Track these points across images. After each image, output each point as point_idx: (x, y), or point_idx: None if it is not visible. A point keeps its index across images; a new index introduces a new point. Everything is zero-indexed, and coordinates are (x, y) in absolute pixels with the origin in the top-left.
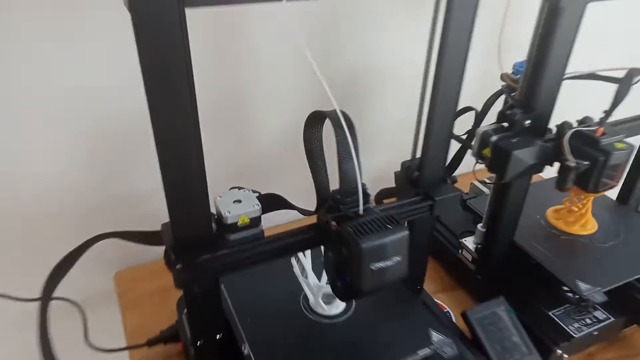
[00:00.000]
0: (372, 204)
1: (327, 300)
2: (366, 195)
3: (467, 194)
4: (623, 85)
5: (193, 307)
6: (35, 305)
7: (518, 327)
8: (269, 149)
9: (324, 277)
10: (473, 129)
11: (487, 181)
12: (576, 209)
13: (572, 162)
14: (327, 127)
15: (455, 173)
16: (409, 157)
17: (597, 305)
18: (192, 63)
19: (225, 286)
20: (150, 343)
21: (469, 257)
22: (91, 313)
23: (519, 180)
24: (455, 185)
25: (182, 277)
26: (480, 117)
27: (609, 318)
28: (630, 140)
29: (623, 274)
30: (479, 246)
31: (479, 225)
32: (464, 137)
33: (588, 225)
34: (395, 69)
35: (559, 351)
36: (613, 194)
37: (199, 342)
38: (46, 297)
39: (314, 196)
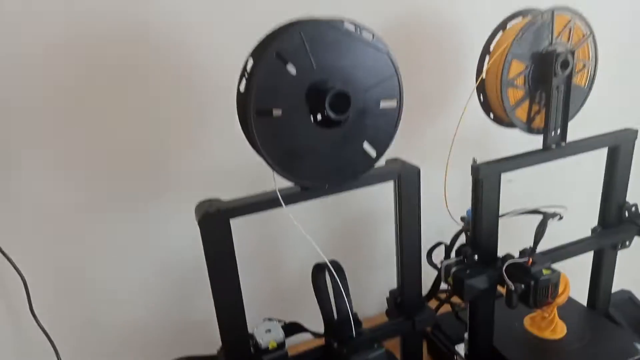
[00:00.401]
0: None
1: None
2: (357, 321)
3: (458, 306)
4: (539, 228)
5: None
6: None
7: None
8: (292, 285)
9: None
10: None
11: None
12: (547, 315)
13: (511, 286)
14: None
15: None
16: None
17: None
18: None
19: None
20: None
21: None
22: None
23: (483, 302)
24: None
25: None
26: (448, 250)
27: None
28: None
29: None
30: (467, 352)
31: (465, 334)
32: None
33: (557, 330)
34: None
35: None
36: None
37: None
38: None
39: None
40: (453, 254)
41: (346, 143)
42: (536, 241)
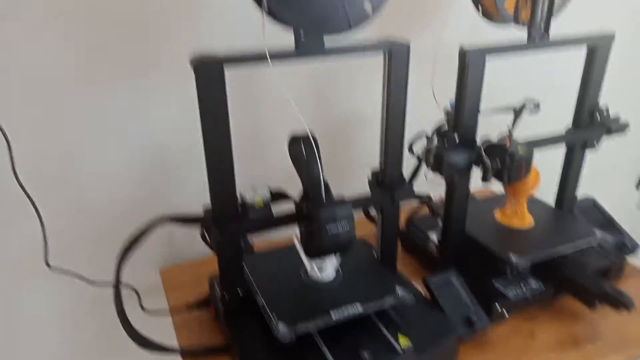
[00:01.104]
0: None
1: (320, 270)
2: (327, 188)
3: (434, 203)
4: (518, 112)
5: (222, 262)
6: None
7: (466, 290)
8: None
9: None
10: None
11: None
12: (514, 209)
13: (488, 164)
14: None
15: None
16: None
17: (531, 277)
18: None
19: (246, 264)
20: (189, 307)
21: (434, 248)
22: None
23: (460, 181)
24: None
25: (219, 238)
26: (430, 137)
27: (541, 287)
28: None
29: (547, 250)
30: (440, 238)
31: (439, 220)
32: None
33: (525, 221)
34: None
35: (498, 306)
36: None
37: (225, 294)
38: (118, 270)
39: None
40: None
41: None
42: (514, 121)
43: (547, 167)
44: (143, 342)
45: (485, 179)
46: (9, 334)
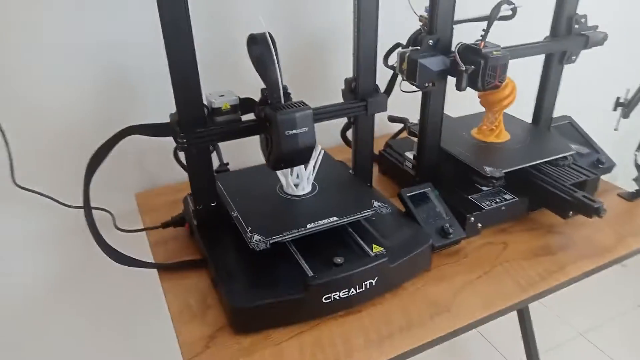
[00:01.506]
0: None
1: (296, 185)
2: (287, 93)
3: (413, 123)
4: (493, 11)
5: (191, 168)
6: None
7: (441, 202)
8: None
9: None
10: None
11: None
12: (491, 125)
13: (462, 66)
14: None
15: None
16: None
17: (506, 191)
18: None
19: (220, 182)
20: (164, 225)
21: (410, 166)
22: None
23: (435, 90)
24: None
25: (186, 143)
26: (405, 47)
27: (514, 198)
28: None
29: (520, 162)
30: (415, 155)
31: (415, 138)
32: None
33: (501, 136)
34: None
35: (472, 218)
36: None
37: (199, 207)
38: (88, 181)
39: None
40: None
41: None
42: (489, 24)
43: (526, 87)
44: (117, 256)
45: (459, 86)
46: None
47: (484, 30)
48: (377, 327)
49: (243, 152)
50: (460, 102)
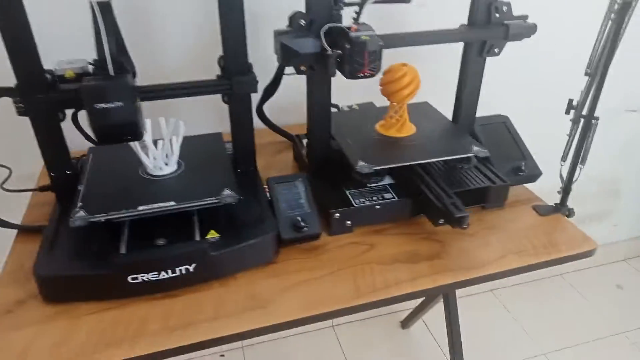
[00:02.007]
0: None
1: (157, 166)
2: (120, 64)
3: None
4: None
5: (39, 135)
6: None
7: (308, 195)
8: None
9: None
10: None
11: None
12: (392, 117)
13: (329, 50)
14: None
15: None
16: None
17: (390, 190)
18: None
19: (93, 154)
20: (41, 189)
21: (305, 154)
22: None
23: (319, 77)
24: None
25: (24, 108)
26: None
27: (394, 198)
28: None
29: (402, 159)
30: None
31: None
32: None
33: (403, 130)
34: None
35: (337, 214)
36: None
37: (52, 174)
38: None
39: None
40: None
41: None
42: (361, 8)
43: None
44: None
45: (327, 71)
46: None
47: (356, 13)
48: (183, 314)
49: None
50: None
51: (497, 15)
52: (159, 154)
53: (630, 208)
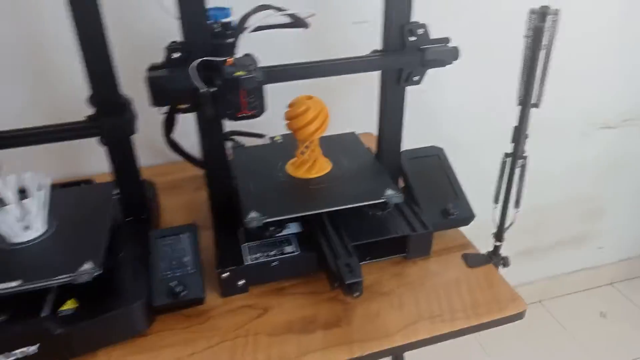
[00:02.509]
0: None
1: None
2: None
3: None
4: (246, 14)
5: None
6: None
7: (194, 251)
8: None
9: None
10: None
11: None
12: (302, 155)
13: (201, 88)
14: None
15: None
16: None
17: (295, 242)
18: None
19: None
20: None
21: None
22: None
23: (200, 113)
24: None
25: None
26: None
27: (295, 252)
28: None
29: (299, 209)
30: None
31: None
32: None
33: (313, 170)
34: None
35: (226, 274)
36: None
37: None
38: None
39: None
40: None
41: None
42: (239, 31)
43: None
44: None
45: (204, 112)
46: None
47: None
48: None
49: None
50: None
51: (413, 39)
52: (15, 217)
53: (616, 229)
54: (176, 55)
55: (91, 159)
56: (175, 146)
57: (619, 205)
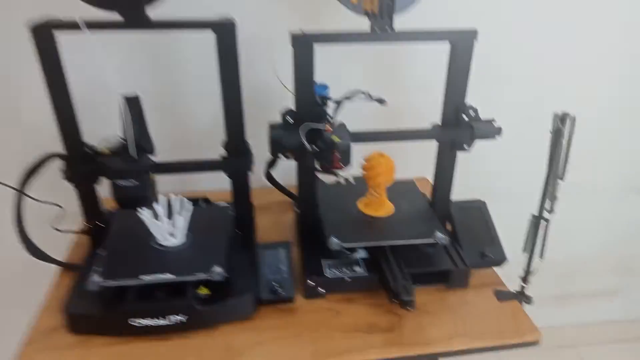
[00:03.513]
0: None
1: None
2: (140, 147)
3: None
4: (344, 98)
5: (79, 197)
6: None
7: (287, 261)
8: None
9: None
10: None
11: None
12: (372, 197)
13: (308, 146)
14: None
15: None
16: None
17: (361, 264)
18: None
19: (117, 219)
20: (82, 232)
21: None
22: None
23: (302, 162)
24: None
25: (69, 176)
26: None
27: (363, 273)
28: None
29: (369, 240)
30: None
31: None
32: None
33: (380, 210)
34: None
35: (310, 282)
36: None
37: (89, 225)
38: (20, 192)
39: None
40: None
41: None
42: (337, 108)
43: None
44: (29, 247)
45: (306, 163)
46: None
47: (330, 114)
48: (169, 357)
49: None
50: None
51: (466, 117)
52: (165, 228)
53: None
54: (289, 119)
55: (202, 178)
56: (272, 179)
57: None
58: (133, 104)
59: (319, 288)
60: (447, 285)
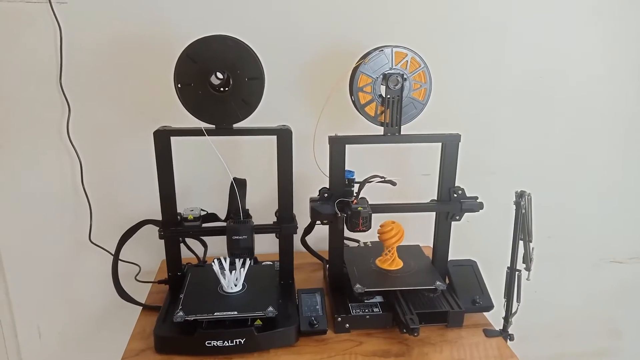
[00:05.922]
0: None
1: (229, 286)
2: (246, 212)
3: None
4: (364, 181)
5: (167, 250)
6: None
7: (322, 302)
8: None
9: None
10: None
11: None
12: (386, 255)
13: (339, 214)
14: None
15: None
16: None
17: (378, 305)
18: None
19: (190, 271)
20: (159, 282)
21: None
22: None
23: (334, 226)
24: None
25: (164, 235)
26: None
27: (380, 312)
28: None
29: (384, 286)
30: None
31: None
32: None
33: (393, 265)
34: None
35: (339, 318)
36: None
37: (170, 274)
38: (118, 251)
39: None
40: None
41: (232, 100)
42: (360, 188)
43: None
44: (120, 292)
45: (337, 226)
46: (67, 288)
47: (356, 193)
48: None
49: None
50: None
51: (455, 195)
52: (231, 278)
53: (633, 348)
54: (325, 194)
55: None
56: (305, 244)
57: (635, 328)
58: (240, 185)
59: (346, 324)
60: (445, 325)
